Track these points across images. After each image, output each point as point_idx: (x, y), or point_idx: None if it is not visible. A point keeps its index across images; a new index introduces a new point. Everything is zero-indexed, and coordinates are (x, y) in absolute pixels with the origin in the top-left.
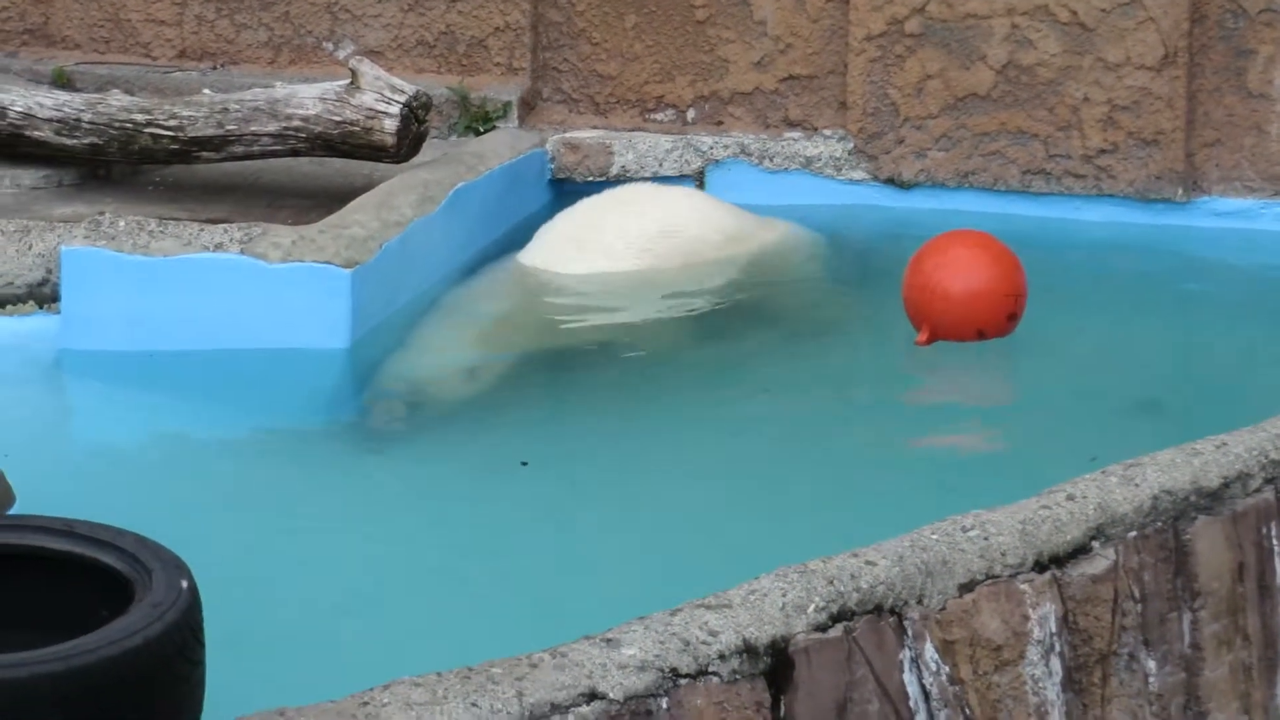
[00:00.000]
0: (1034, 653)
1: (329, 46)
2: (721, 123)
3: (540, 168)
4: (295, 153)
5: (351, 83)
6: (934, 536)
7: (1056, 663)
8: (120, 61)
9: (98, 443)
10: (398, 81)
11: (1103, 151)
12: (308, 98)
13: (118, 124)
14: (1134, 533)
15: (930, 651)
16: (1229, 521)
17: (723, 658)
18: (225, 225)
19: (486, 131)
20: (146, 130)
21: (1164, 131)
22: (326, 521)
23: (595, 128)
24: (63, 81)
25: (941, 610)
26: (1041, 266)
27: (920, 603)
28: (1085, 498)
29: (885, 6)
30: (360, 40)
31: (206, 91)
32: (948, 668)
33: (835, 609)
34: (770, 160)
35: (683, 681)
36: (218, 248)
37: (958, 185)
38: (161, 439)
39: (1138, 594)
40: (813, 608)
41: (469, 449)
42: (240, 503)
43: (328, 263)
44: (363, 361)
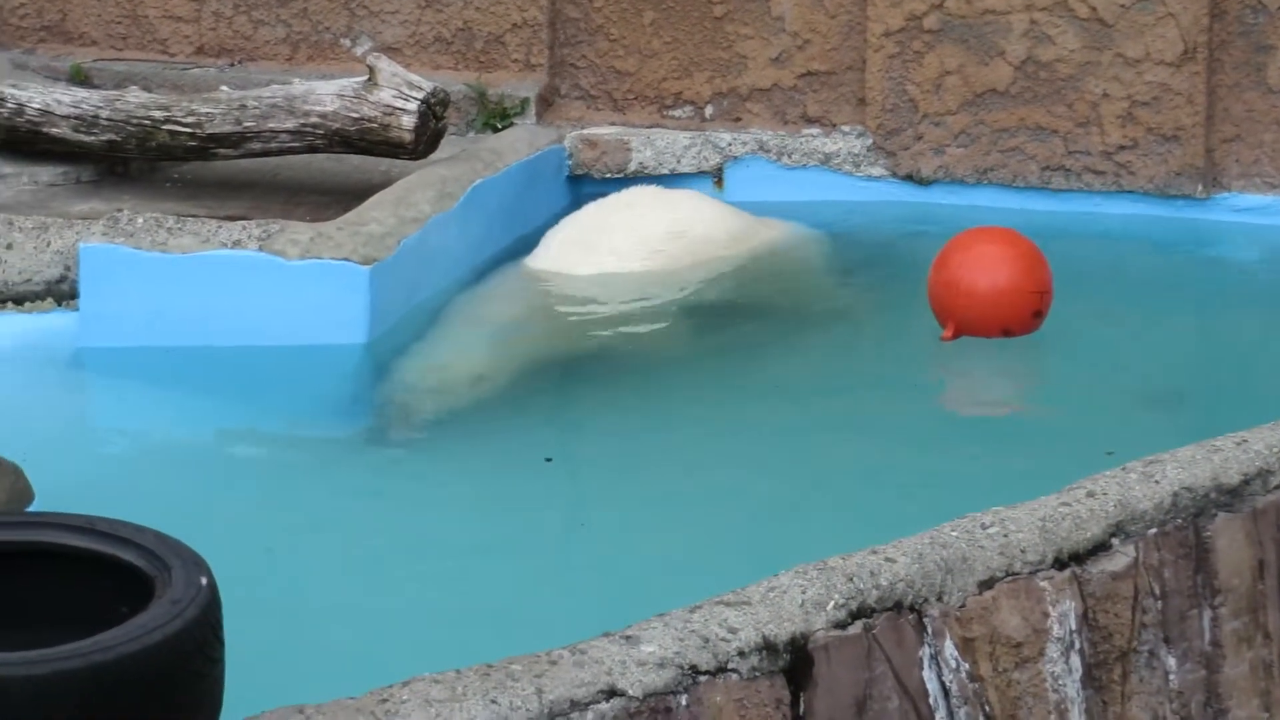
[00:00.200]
0: (1054, 650)
1: (347, 43)
2: (740, 119)
3: (558, 164)
4: (313, 149)
5: (369, 79)
6: (954, 533)
7: (1076, 660)
8: (138, 58)
9: (116, 440)
10: (415, 78)
11: (1122, 148)
12: (325, 94)
13: (135, 121)
14: (1154, 530)
15: (950, 649)
16: (1249, 518)
17: (742, 655)
18: (243, 222)
19: (504, 128)
20: (164, 127)
21: (1184, 127)
22: (345, 518)
23: (613, 124)
24: (80, 78)
25: (961, 607)
26: (1061, 263)
27: (940, 600)
28: (1105, 494)
29: (904, 3)
30: (378, 37)
31: (224, 88)
32: (967, 665)
33: (855, 606)
34: (789, 157)
35: (702, 679)
36: (236, 244)
37: (977, 181)
38: (180, 436)
39: (1158, 591)
40: (832, 605)
41: (488, 448)
42: (259, 500)
43: (346, 259)
44: (381, 358)
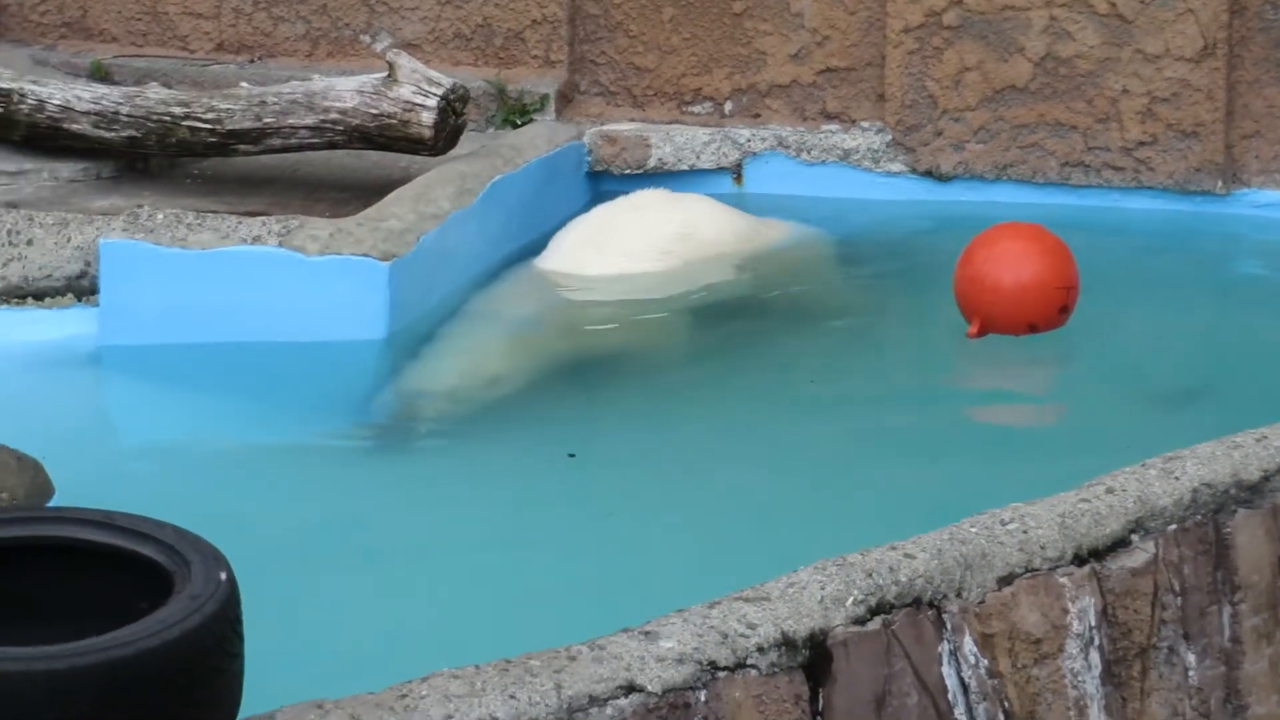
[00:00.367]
0: (1073, 646)
1: (366, 39)
2: (759, 115)
3: (578, 160)
4: (333, 145)
5: (389, 75)
6: (973, 529)
7: (1096, 656)
8: (158, 54)
9: (136, 435)
10: (435, 74)
11: (1142, 144)
12: (345, 90)
13: (155, 117)
14: (1174, 526)
15: (969, 644)
16: (1269, 515)
17: (761, 650)
18: (263, 218)
19: (524, 124)
20: (184, 123)
21: (1203, 123)
22: (364, 514)
23: (633, 120)
24: (101, 74)
25: (980, 603)
26: (1081, 259)
27: (959, 596)
28: (1125, 491)
29: None
30: (397, 33)
31: (244, 84)
32: (986, 661)
33: (874, 602)
34: (808, 153)
35: (721, 674)
36: (255, 240)
37: (996, 178)
38: (200, 431)
39: (1177, 587)
40: (851, 600)
41: (508, 445)
42: (278, 495)
43: (365, 255)
44: (401, 355)
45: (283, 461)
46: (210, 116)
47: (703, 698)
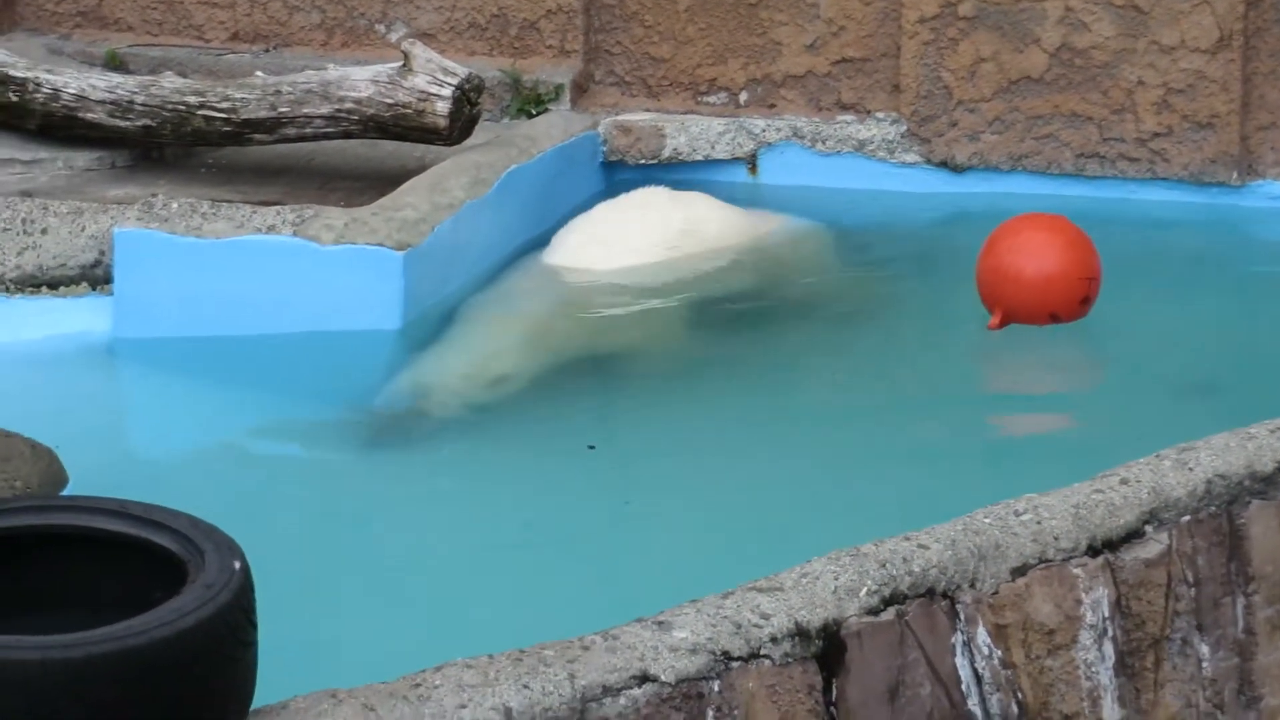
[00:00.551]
0: (1086, 637)
1: (381, 29)
2: (774, 105)
3: (592, 150)
4: (347, 135)
5: (404, 65)
6: (986, 520)
7: (1109, 647)
8: (173, 44)
9: (150, 425)
10: (450, 64)
11: (1157, 135)
12: (360, 80)
13: (170, 106)
14: (1187, 517)
15: (983, 635)
16: None
17: (774, 640)
18: (278, 207)
19: (539, 114)
20: (199, 112)
21: (1219, 115)
22: (378, 505)
23: (648, 110)
24: (116, 64)
25: (994, 594)
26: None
27: (973, 586)
28: (1139, 482)
29: None
30: (412, 23)
31: (259, 74)
32: (1000, 651)
33: (888, 592)
34: (823, 143)
35: (734, 664)
36: (270, 230)
37: (1011, 168)
38: (214, 421)
39: (1191, 578)
40: (865, 591)
41: (524, 438)
42: (292, 486)
43: (380, 244)
44: (415, 346)
45: (296, 453)
46: (225, 106)
47: (716, 688)
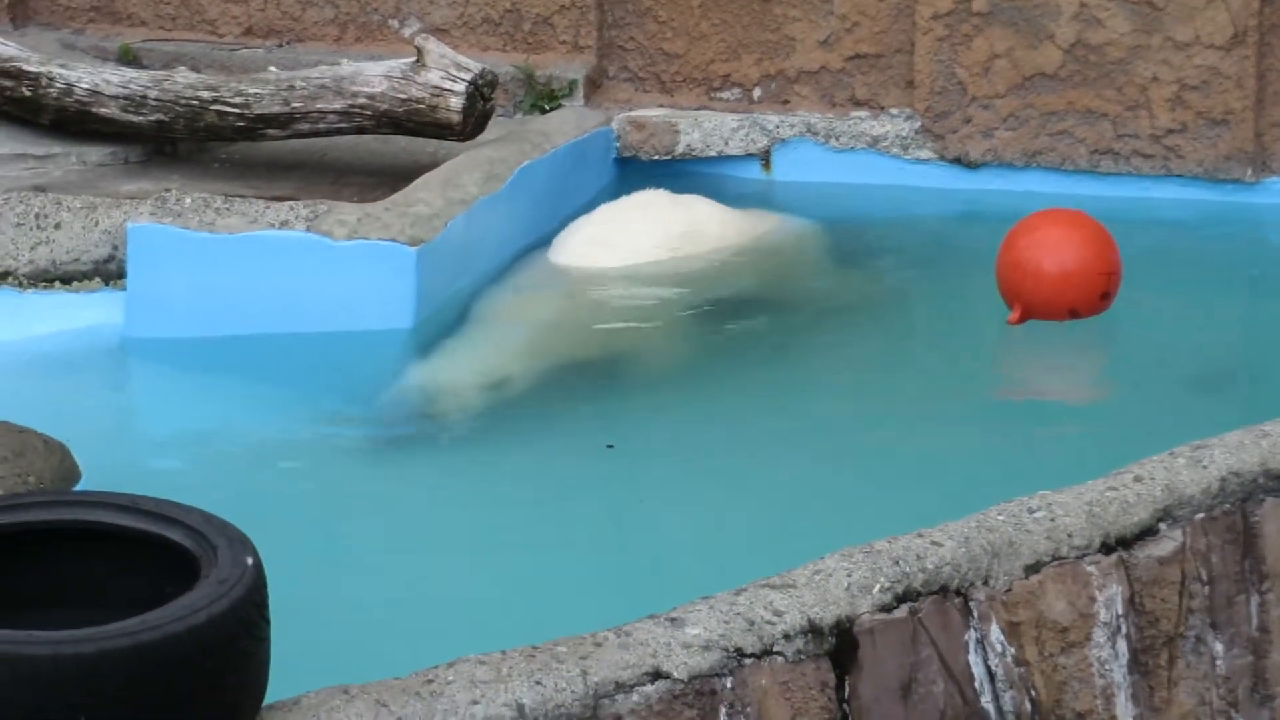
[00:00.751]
0: (1100, 635)
1: (395, 24)
2: (788, 102)
3: (606, 146)
4: (361, 130)
5: (417, 60)
6: (1000, 517)
7: (1123, 645)
8: (186, 39)
9: (162, 420)
10: (463, 59)
11: (1171, 131)
12: (373, 75)
13: (184, 101)
14: (1201, 514)
15: (996, 633)
16: None
17: (787, 638)
18: (291, 203)
19: (552, 110)
20: (212, 107)
21: (1233, 111)
22: (389, 503)
23: (661, 106)
24: (129, 58)
25: (1007, 591)
26: None
27: (986, 584)
28: (1153, 479)
29: None
30: (426, 18)
31: (272, 69)
32: (1013, 649)
33: (900, 589)
34: (836, 139)
35: (747, 661)
36: (283, 225)
37: (1025, 165)
38: (227, 418)
39: (1205, 576)
40: (878, 588)
41: (536, 438)
42: (304, 483)
43: (393, 240)
44: (427, 346)
45: (309, 449)
46: (238, 101)
47: (729, 684)
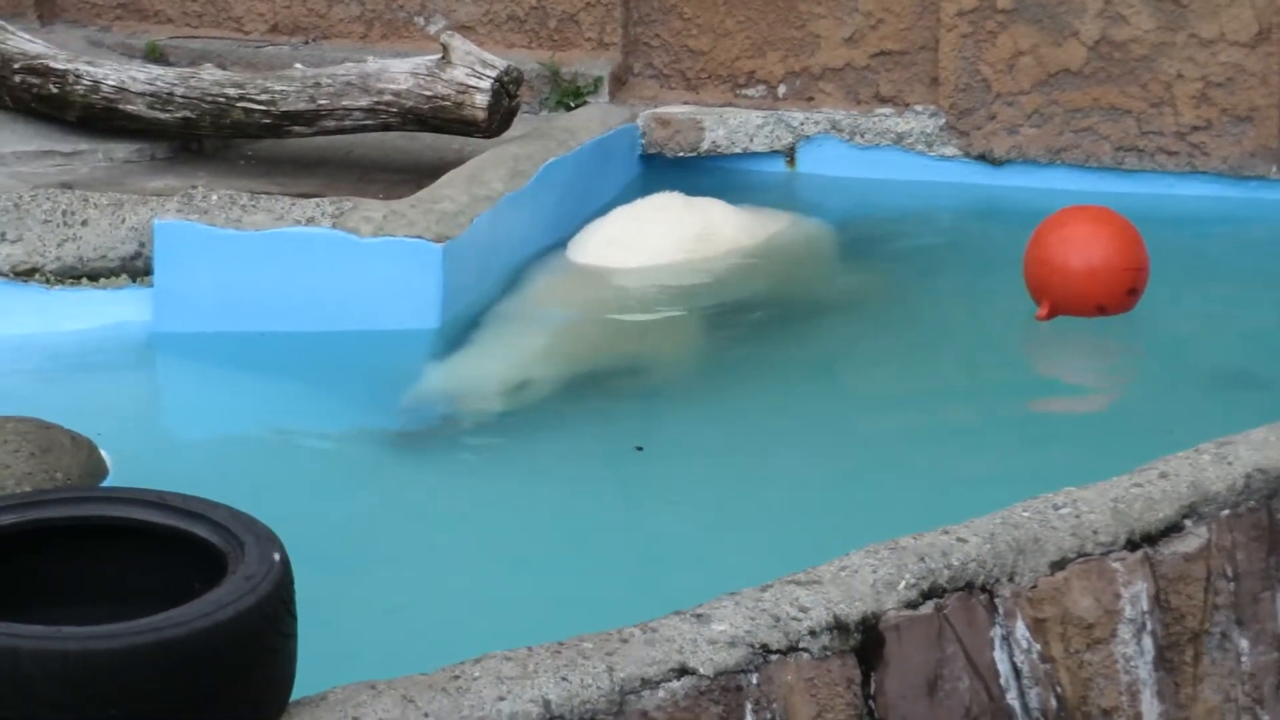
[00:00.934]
0: (1126, 631)
1: (420, 21)
2: (812, 99)
3: (631, 143)
4: (386, 127)
5: (443, 57)
6: (1025, 514)
7: (1148, 641)
8: (213, 36)
9: (189, 417)
10: (489, 56)
11: (1196, 128)
12: (399, 72)
13: (210, 98)
14: (1227, 511)
15: (1021, 629)
16: None
17: (813, 634)
18: (317, 199)
19: (577, 107)
20: (239, 104)
21: (1258, 108)
22: (416, 500)
23: (686, 103)
24: (155, 56)
25: (1033, 588)
26: None
27: (1011, 580)
28: (1178, 476)
29: None
30: (451, 15)
31: (298, 66)
32: (1039, 646)
33: (926, 586)
34: (861, 136)
35: (773, 657)
36: (309, 222)
37: (1049, 162)
38: (254, 415)
39: (1230, 573)
40: (904, 584)
41: (558, 437)
42: (331, 480)
43: (419, 236)
44: (454, 342)
45: (335, 447)
46: (265, 98)
47: (754, 680)
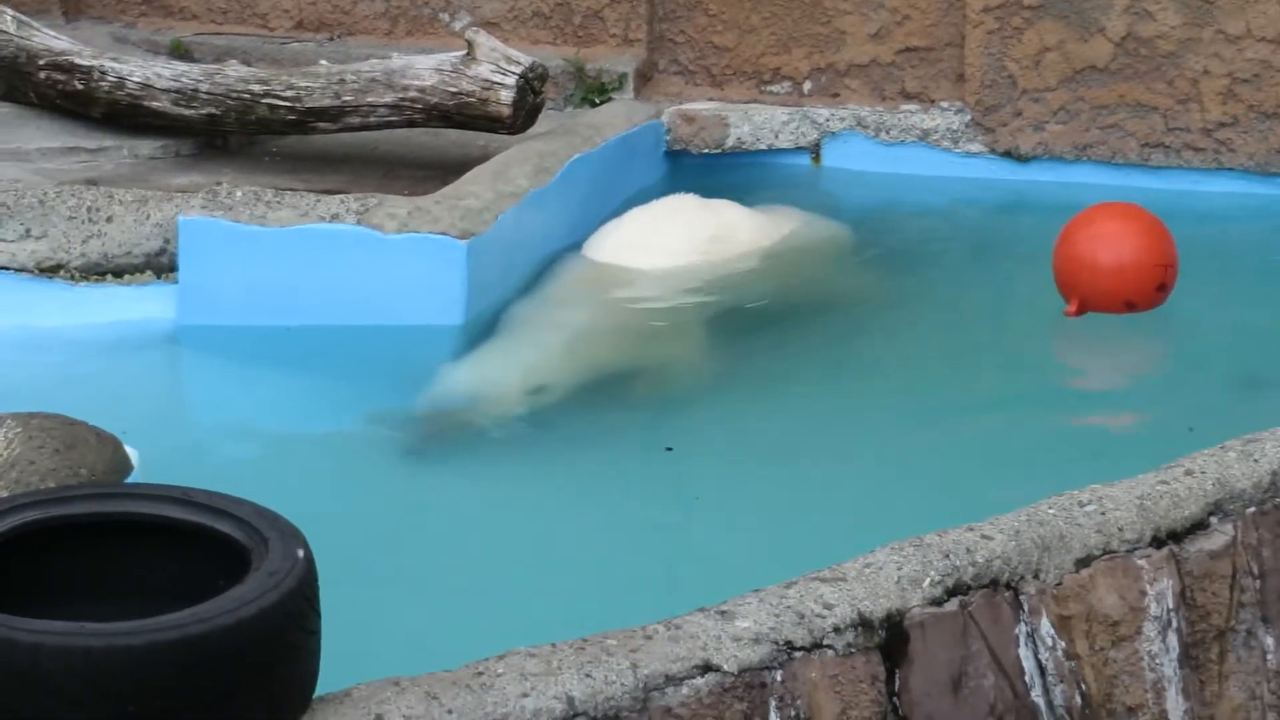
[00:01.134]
0: (1151, 629)
1: (445, 18)
2: (838, 95)
3: (656, 139)
4: (411, 124)
5: (468, 54)
6: (1051, 511)
7: (1173, 639)
8: (238, 32)
9: (213, 414)
10: (514, 53)
11: (1222, 125)
12: (424, 69)
13: (235, 95)
14: (1252, 508)
15: (1046, 626)
16: None
17: (837, 631)
18: (341, 196)
19: (602, 103)
20: (263, 101)
21: None
22: (442, 495)
23: (711, 100)
24: (180, 52)
25: (1058, 585)
26: None
27: (1036, 577)
28: (1204, 473)
29: None
30: (476, 11)
31: (323, 62)
32: (1064, 643)
33: (951, 583)
34: (886, 133)
35: (797, 654)
36: (334, 218)
37: (1075, 158)
38: (279, 411)
39: (1256, 570)
40: (928, 581)
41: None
42: (356, 476)
43: (443, 233)
44: (478, 339)
45: (360, 443)
46: (289, 94)
47: (779, 678)
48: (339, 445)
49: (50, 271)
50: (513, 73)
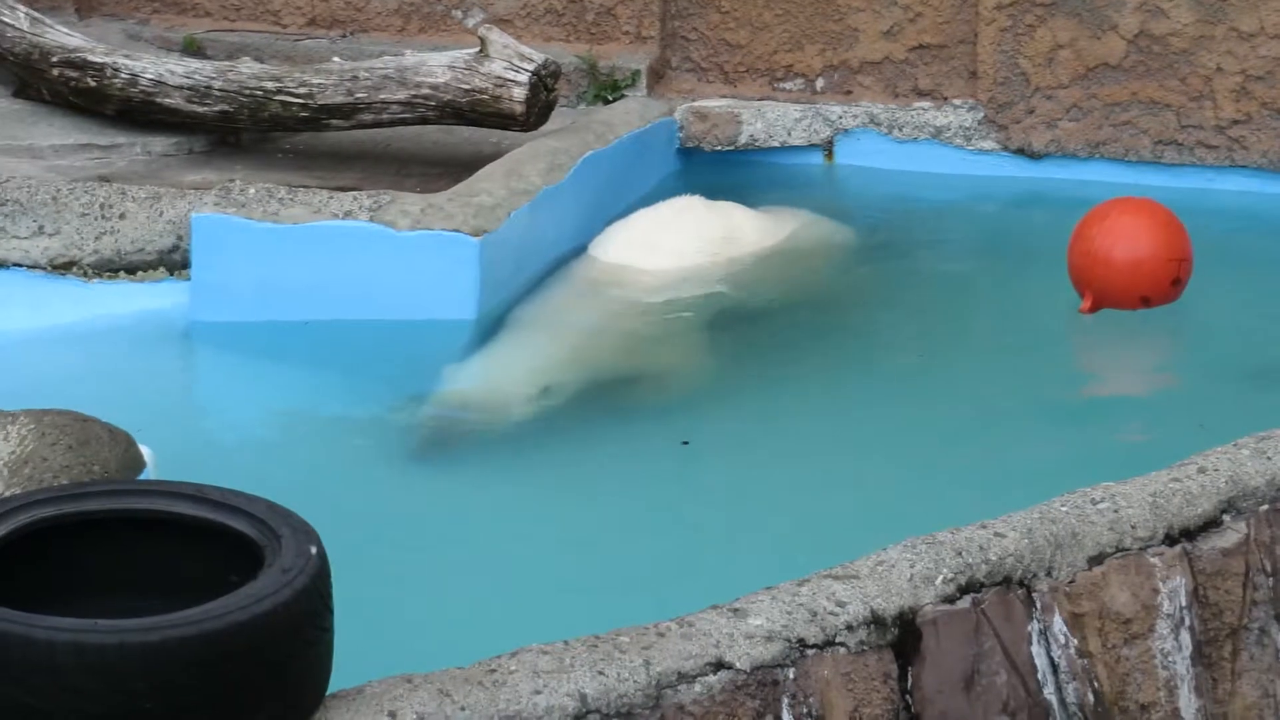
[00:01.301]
0: (1163, 626)
1: (458, 15)
2: (850, 92)
3: (669, 137)
4: (424, 121)
5: (480, 51)
6: (1063, 508)
7: (1186, 636)
8: (250, 29)
9: (227, 411)
10: (527, 50)
11: (1235, 122)
12: (437, 66)
13: (248, 91)
14: (1266, 506)
15: (1059, 624)
16: None
17: (850, 628)
18: (354, 193)
19: (615, 100)
20: (276, 98)
21: None
22: (454, 492)
23: (724, 97)
24: (193, 49)
25: (1070, 583)
26: None
27: (1049, 575)
28: (1217, 470)
29: None
30: (489, 8)
31: (336, 59)
32: (1076, 640)
33: (963, 580)
34: (899, 130)
35: (810, 652)
36: (347, 215)
37: (1088, 156)
38: (292, 407)
39: (1269, 568)
40: (941, 579)
41: (596, 429)
42: (369, 472)
43: (456, 230)
44: (490, 336)
45: (372, 440)
46: (302, 91)
47: (791, 675)
48: (352, 442)
49: (63, 268)
50: (525, 70)
